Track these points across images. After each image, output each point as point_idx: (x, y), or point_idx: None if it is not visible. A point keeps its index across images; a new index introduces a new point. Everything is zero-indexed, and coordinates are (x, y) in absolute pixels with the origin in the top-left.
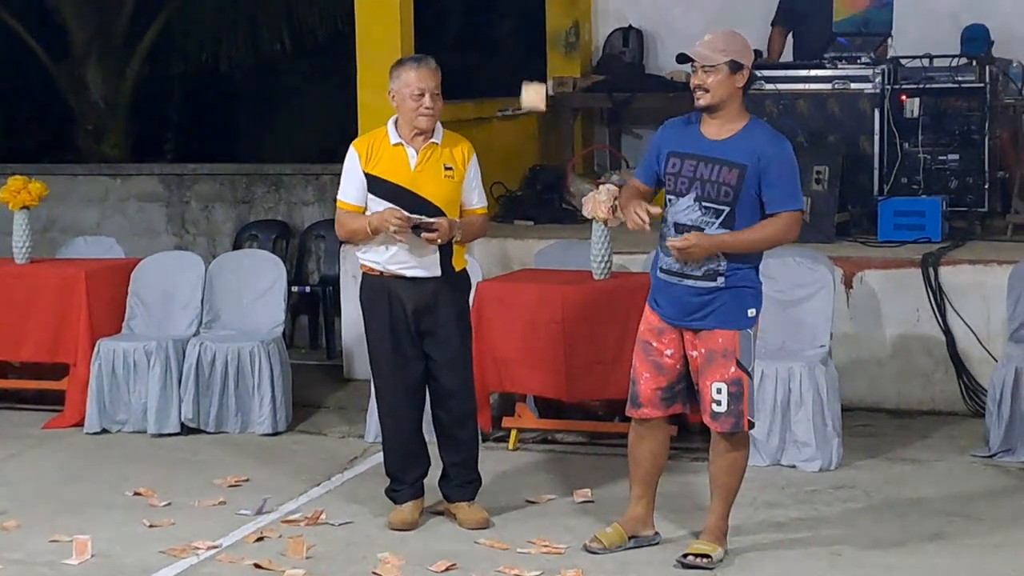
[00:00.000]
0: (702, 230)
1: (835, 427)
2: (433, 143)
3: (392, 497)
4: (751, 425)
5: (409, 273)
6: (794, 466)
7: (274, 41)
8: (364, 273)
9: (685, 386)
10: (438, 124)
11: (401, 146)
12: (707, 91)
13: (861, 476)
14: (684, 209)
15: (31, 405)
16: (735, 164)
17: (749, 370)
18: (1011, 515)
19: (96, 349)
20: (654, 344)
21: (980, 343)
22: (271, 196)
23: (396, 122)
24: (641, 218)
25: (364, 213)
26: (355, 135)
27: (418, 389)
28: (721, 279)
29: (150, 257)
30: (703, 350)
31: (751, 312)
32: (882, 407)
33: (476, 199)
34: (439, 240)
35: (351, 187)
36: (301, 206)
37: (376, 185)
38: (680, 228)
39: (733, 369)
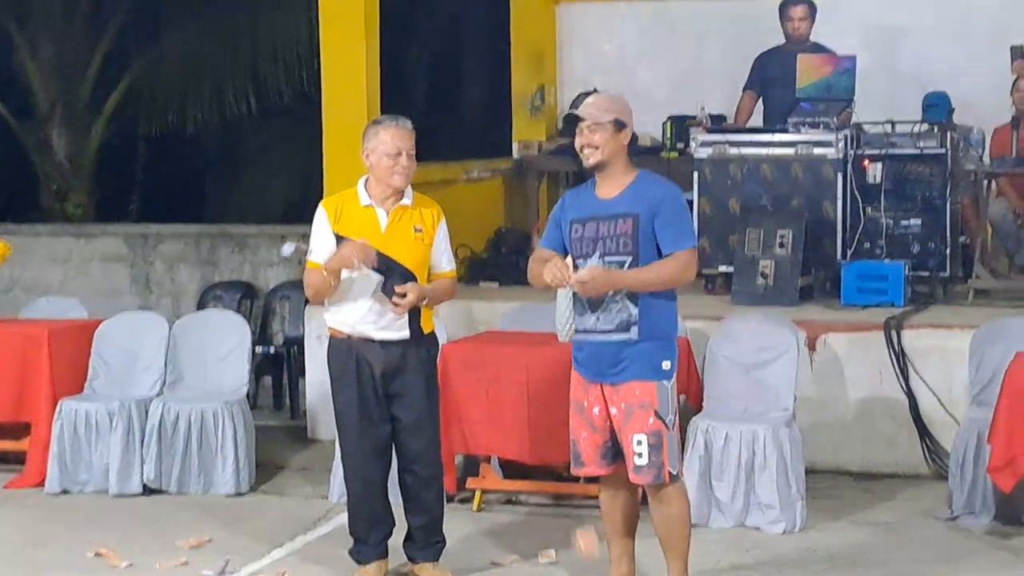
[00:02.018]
0: None
1: (799, 490)
2: (403, 205)
3: (356, 558)
4: (672, 476)
5: (378, 336)
6: (758, 528)
7: (240, 103)
8: (331, 336)
9: (613, 444)
10: (408, 187)
11: (371, 207)
12: (596, 148)
13: (825, 539)
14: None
15: None
16: (628, 214)
17: (667, 421)
18: None
19: (58, 409)
20: (584, 403)
21: (943, 406)
22: (236, 257)
23: (366, 183)
24: (562, 274)
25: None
26: (320, 197)
27: (384, 451)
28: (635, 329)
29: (114, 317)
30: (622, 405)
31: (666, 364)
32: (846, 470)
33: (445, 262)
34: (407, 307)
35: (320, 246)
36: (266, 267)
37: None
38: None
39: (652, 420)
